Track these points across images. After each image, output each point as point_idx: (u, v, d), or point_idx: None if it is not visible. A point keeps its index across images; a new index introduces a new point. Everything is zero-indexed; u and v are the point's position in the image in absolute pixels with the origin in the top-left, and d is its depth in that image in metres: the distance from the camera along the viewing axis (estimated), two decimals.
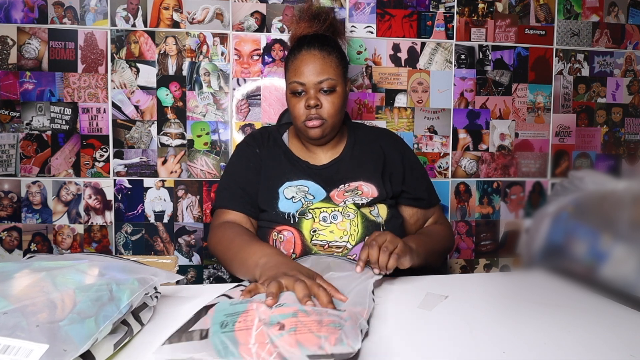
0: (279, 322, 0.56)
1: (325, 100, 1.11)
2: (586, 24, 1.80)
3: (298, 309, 0.60)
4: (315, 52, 1.12)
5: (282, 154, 1.18)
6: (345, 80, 1.16)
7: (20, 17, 1.56)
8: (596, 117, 1.84)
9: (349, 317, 0.61)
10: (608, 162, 1.85)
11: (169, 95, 1.63)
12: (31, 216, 1.60)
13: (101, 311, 0.55)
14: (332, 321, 0.58)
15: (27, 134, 1.58)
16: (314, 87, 1.11)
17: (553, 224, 0.95)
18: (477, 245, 1.81)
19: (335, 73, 1.12)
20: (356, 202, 1.07)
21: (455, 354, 0.61)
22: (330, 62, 1.12)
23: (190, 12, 1.62)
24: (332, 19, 1.22)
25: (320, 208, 1.07)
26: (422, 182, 1.23)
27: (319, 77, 1.10)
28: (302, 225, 1.05)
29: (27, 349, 0.46)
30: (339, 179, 1.13)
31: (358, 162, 1.17)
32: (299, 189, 1.10)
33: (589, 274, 0.85)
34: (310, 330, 0.55)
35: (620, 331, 0.68)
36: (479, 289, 0.91)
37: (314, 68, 1.11)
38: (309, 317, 0.58)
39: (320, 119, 1.11)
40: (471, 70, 1.75)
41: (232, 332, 0.54)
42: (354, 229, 1.05)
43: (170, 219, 1.65)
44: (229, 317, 0.57)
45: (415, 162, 1.25)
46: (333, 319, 0.58)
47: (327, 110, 1.11)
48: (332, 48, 1.14)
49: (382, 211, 1.11)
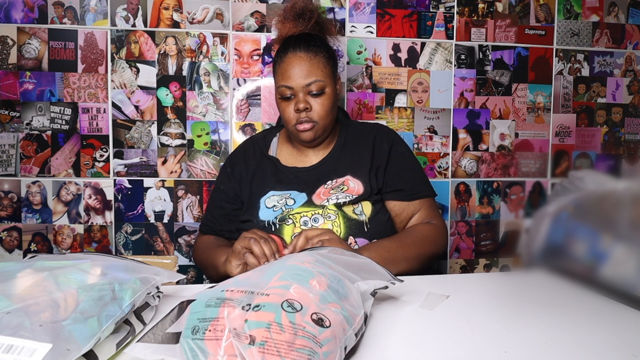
0: (250, 333, 0.52)
1: (315, 102, 1.10)
2: (586, 24, 1.81)
3: (274, 320, 0.54)
4: (301, 53, 1.10)
5: (267, 165, 1.18)
6: (334, 79, 1.14)
7: (20, 17, 1.56)
8: (596, 117, 1.84)
9: (331, 337, 0.54)
10: (608, 162, 1.85)
11: (169, 95, 1.63)
12: (31, 216, 1.60)
13: (104, 311, 0.55)
14: (304, 345, 0.52)
15: (27, 134, 1.58)
16: (303, 90, 1.09)
17: (553, 224, 0.95)
18: (477, 245, 1.81)
19: (324, 74, 1.10)
20: (338, 202, 1.06)
21: (457, 353, 0.61)
22: (318, 62, 1.10)
23: (190, 12, 1.62)
24: (317, 17, 1.19)
25: (301, 212, 1.06)
26: (407, 173, 1.17)
27: (306, 79, 1.08)
28: (283, 232, 1.04)
29: (31, 348, 0.46)
30: (325, 176, 1.12)
31: (347, 157, 1.16)
32: (281, 197, 1.10)
33: (589, 274, 0.85)
34: (278, 352, 0.50)
35: (621, 331, 0.69)
36: (479, 289, 0.91)
37: (300, 71, 1.08)
38: (281, 335, 0.52)
39: (310, 121, 1.10)
40: (471, 70, 1.76)
41: (202, 341, 0.52)
42: (336, 229, 1.03)
43: (170, 219, 1.66)
44: (201, 322, 0.54)
45: (403, 153, 1.19)
46: (306, 343, 0.52)
47: (317, 112, 1.10)
48: (318, 47, 1.12)
49: (366, 208, 1.08)
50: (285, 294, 0.57)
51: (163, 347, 0.53)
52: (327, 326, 0.55)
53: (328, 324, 0.56)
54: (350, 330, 0.58)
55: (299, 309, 0.56)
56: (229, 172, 1.22)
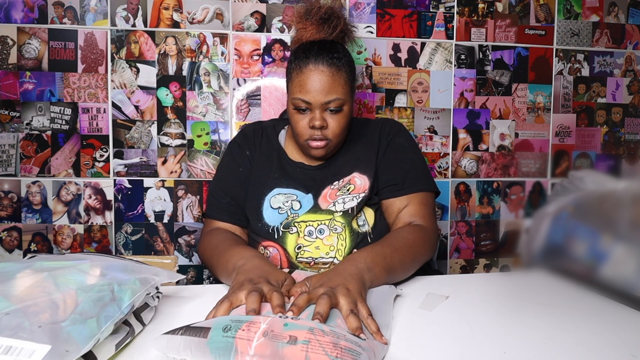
0: (290, 334, 0.52)
1: (332, 119, 1.02)
2: (586, 24, 1.80)
3: (315, 326, 0.54)
4: (323, 67, 1.00)
5: (275, 155, 1.12)
6: (352, 94, 1.07)
7: (20, 17, 1.56)
8: (596, 117, 1.84)
9: (368, 348, 0.56)
10: (608, 162, 1.85)
11: (169, 95, 1.63)
12: (31, 216, 1.60)
13: (103, 311, 0.55)
14: (349, 347, 0.52)
15: (27, 134, 1.58)
16: (320, 107, 1.00)
17: (553, 224, 0.95)
18: (477, 245, 1.81)
19: (344, 91, 1.01)
20: (345, 210, 1.01)
21: (456, 354, 0.61)
22: (340, 79, 1.01)
23: (190, 12, 1.62)
24: (343, 25, 1.09)
25: (307, 221, 1.01)
26: (402, 164, 1.07)
27: (326, 97, 0.99)
28: (287, 241, 1.01)
29: (30, 349, 0.46)
30: (332, 176, 1.07)
31: (353, 155, 1.10)
32: (287, 197, 1.05)
33: (589, 274, 0.85)
34: (324, 350, 0.50)
35: (620, 331, 0.69)
36: (479, 289, 0.91)
37: (321, 87, 0.99)
38: (325, 337, 0.52)
39: (325, 139, 1.02)
40: (471, 70, 1.76)
41: (233, 339, 0.51)
42: (341, 243, 0.99)
43: (170, 219, 1.66)
44: (234, 322, 0.54)
45: (402, 144, 1.11)
46: (351, 346, 0.53)
47: (333, 130, 1.02)
48: (341, 62, 1.02)
49: (369, 217, 1.04)
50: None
51: (189, 341, 0.52)
52: (365, 339, 0.58)
53: (364, 337, 0.59)
54: (382, 350, 0.61)
55: (335, 326, 0.59)
56: (248, 155, 1.13)
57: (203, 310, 0.70)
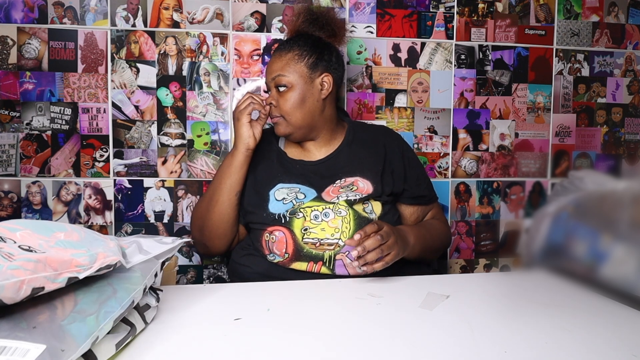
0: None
1: (281, 97, 1.12)
2: (586, 24, 1.80)
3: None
4: (282, 53, 1.13)
5: (275, 156, 1.18)
6: (311, 75, 1.13)
7: (20, 17, 1.56)
8: (596, 117, 1.84)
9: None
10: (608, 162, 1.85)
11: (169, 95, 1.63)
12: (31, 216, 1.60)
13: (102, 307, 0.55)
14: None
15: (27, 134, 1.58)
16: (272, 86, 1.13)
17: (553, 224, 0.95)
18: (477, 245, 1.81)
19: (293, 72, 1.10)
20: (349, 199, 1.06)
21: (456, 353, 0.61)
22: (292, 61, 1.10)
23: (190, 12, 1.62)
24: (332, 25, 1.19)
25: (312, 207, 1.06)
26: (423, 179, 1.24)
27: (271, 74, 1.12)
28: (293, 224, 1.05)
29: (24, 349, 0.46)
30: (334, 174, 1.12)
31: (356, 157, 1.16)
32: (291, 189, 1.10)
33: (589, 274, 0.85)
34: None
35: (621, 331, 0.69)
36: (479, 289, 0.91)
37: (270, 67, 1.13)
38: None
39: (277, 116, 1.13)
40: (471, 70, 1.76)
41: None
42: (345, 225, 1.04)
43: (170, 219, 1.65)
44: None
45: (414, 159, 1.26)
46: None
47: (281, 107, 1.11)
48: (303, 50, 1.12)
49: (376, 208, 1.10)
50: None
51: None
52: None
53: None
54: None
55: None
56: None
57: (203, 310, 0.70)
